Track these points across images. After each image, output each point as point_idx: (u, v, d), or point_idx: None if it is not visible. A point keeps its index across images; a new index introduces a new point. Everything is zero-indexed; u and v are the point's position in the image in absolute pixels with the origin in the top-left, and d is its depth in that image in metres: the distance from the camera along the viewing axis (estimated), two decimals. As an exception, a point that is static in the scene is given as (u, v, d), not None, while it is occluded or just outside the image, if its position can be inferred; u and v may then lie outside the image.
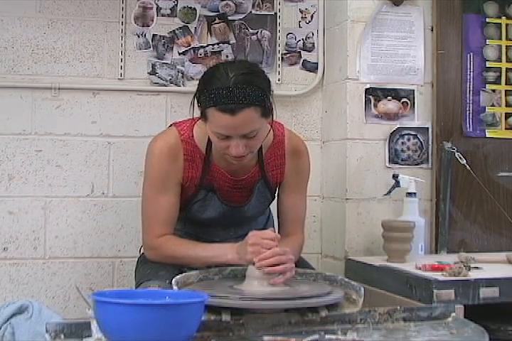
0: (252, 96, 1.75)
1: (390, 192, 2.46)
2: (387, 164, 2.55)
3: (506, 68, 2.67)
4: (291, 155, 2.04)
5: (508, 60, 2.67)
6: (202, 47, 2.62)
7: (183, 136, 1.95)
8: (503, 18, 2.68)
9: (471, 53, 2.64)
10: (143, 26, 2.58)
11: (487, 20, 2.66)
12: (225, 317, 1.49)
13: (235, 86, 1.74)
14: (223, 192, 1.99)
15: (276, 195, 2.11)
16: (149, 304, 1.32)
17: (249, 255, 1.69)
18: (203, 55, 2.62)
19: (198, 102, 1.83)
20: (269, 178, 2.03)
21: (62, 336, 1.41)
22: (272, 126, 2.00)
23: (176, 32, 2.60)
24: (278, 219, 2.13)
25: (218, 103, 1.74)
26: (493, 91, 2.66)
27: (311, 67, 2.73)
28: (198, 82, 1.86)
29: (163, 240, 1.94)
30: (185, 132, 1.96)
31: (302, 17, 2.72)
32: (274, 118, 1.90)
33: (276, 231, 2.13)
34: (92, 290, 1.87)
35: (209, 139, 1.92)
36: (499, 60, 2.67)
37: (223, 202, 2.00)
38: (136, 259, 2.15)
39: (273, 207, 2.16)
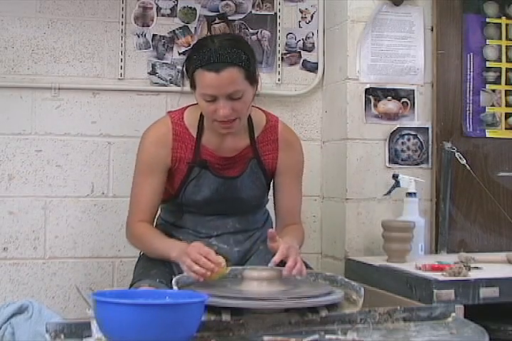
0: (236, 57, 1.85)
1: (390, 192, 2.46)
2: (387, 164, 2.55)
3: (506, 68, 2.67)
4: (285, 146, 2.08)
5: (508, 60, 2.67)
6: (202, 47, 2.62)
7: (173, 119, 2.04)
8: (503, 18, 2.68)
9: (471, 53, 2.64)
10: (143, 26, 2.59)
11: (487, 20, 2.66)
12: (225, 317, 1.49)
13: (220, 48, 1.85)
14: (215, 169, 2.03)
15: (271, 185, 2.12)
16: (149, 304, 1.32)
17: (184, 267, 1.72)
18: (203, 55, 2.61)
19: (186, 72, 1.93)
20: (263, 161, 2.06)
21: (62, 336, 1.41)
22: (264, 112, 2.11)
23: (176, 32, 2.61)
24: (275, 211, 2.14)
25: (204, 63, 1.84)
26: (493, 91, 2.66)
27: (311, 67, 2.73)
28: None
29: (139, 225, 2.00)
30: (176, 115, 2.05)
31: (302, 17, 2.72)
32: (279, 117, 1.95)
33: (274, 227, 2.14)
34: (92, 290, 1.87)
35: (199, 122, 2.01)
36: (499, 60, 2.67)
37: (216, 175, 2.02)
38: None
39: (271, 209, 2.17)
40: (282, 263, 1.88)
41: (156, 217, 2.12)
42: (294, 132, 2.17)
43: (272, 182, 2.13)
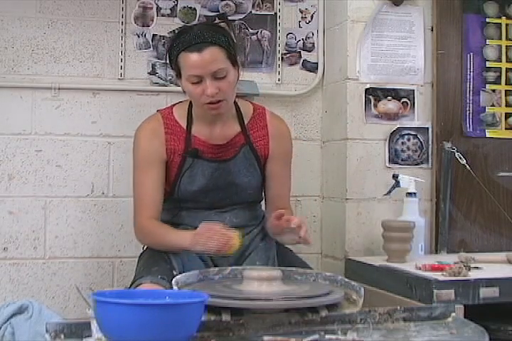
0: (216, 38, 1.93)
1: (390, 192, 2.46)
2: (387, 164, 2.55)
3: (506, 68, 2.67)
4: (275, 132, 2.13)
5: (508, 60, 2.67)
6: (202, 47, 2.62)
7: (163, 114, 2.11)
8: (503, 18, 2.68)
9: (471, 53, 2.64)
10: (143, 26, 2.59)
11: (487, 20, 2.66)
12: (225, 317, 1.49)
13: (199, 31, 1.94)
14: (208, 157, 2.06)
15: (263, 174, 2.14)
16: (149, 304, 1.32)
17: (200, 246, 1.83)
18: (203, 55, 2.61)
19: (170, 61, 2.01)
20: (255, 147, 2.10)
21: (62, 336, 1.41)
22: (250, 102, 2.18)
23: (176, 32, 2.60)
24: (266, 198, 2.18)
25: (186, 46, 1.93)
26: (493, 91, 2.66)
27: (311, 67, 2.73)
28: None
29: (148, 222, 2.03)
30: (166, 110, 2.13)
31: (302, 17, 2.72)
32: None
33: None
34: (92, 290, 1.87)
35: (188, 114, 2.07)
36: (499, 60, 2.67)
37: (209, 160, 2.05)
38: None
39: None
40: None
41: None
42: (281, 119, 2.22)
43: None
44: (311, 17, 2.73)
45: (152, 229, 2.02)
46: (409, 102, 2.58)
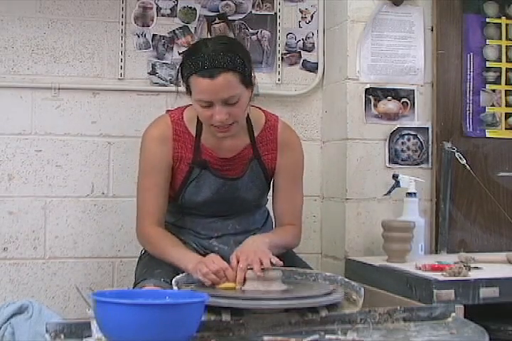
0: (231, 62, 1.82)
1: (390, 192, 2.46)
2: (387, 164, 2.55)
3: (506, 68, 2.67)
4: (284, 147, 2.06)
5: (508, 60, 2.67)
6: (202, 47, 2.62)
7: (172, 118, 2.02)
8: (503, 18, 2.69)
9: (471, 53, 2.64)
10: (143, 26, 2.59)
11: (487, 20, 2.66)
12: (225, 317, 1.49)
13: (214, 53, 1.83)
14: (215, 170, 2.01)
15: (271, 185, 2.10)
16: (149, 304, 1.32)
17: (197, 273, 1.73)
18: (203, 55, 2.61)
19: (181, 76, 1.92)
20: (263, 161, 2.04)
21: (62, 336, 1.41)
22: (263, 111, 2.09)
23: (176, 32, 2.61)
24: (274, 212, 2.11)
25: (198, 69, 1.82)
26: (493, 91, 2.66)
27: (311, 67, 2.73)
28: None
29: (150, 230, 1.98)
30: (176, 115, 2.04)
31: (302, 17, 2.72)
32: (279, 115, 1.93)
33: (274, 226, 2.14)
34: (92, 290, 1.87)
35: (198, 121, 1.99)
36: (499, 60, 2.67)
37: (217, 175, 2.00)
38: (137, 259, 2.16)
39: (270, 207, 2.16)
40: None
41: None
42: (294, 132, 2.14)
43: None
44: (311, 17, 2.73)
45: (155, 238, 1.97)
46: (409, 102, 2.58)
